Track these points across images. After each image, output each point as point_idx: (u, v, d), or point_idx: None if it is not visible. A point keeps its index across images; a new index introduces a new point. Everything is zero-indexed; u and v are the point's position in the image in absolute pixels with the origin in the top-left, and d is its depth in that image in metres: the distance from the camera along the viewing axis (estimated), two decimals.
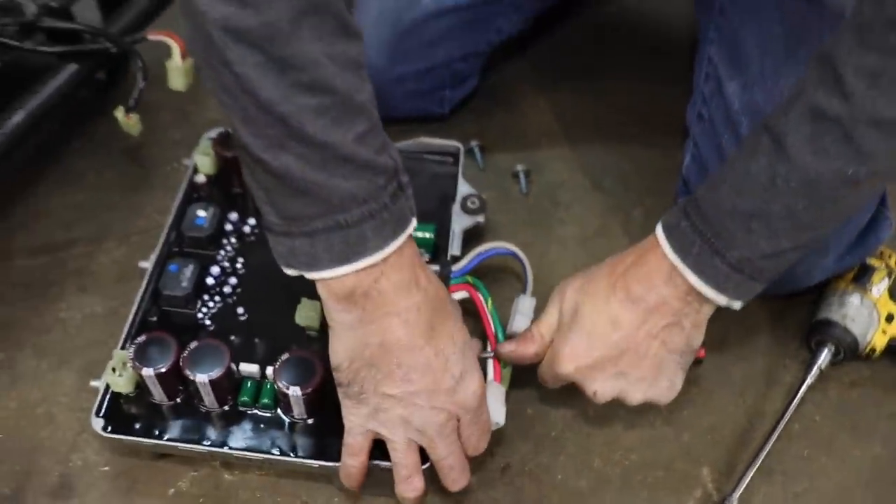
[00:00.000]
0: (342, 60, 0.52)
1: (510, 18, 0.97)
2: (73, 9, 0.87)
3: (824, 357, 0.80)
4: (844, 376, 0.82)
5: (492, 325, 0.73)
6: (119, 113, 0.81)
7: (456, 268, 0.78)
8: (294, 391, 0.67)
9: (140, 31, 0.87)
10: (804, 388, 0.77)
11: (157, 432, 0.70)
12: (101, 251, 0.90)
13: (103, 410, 0.71)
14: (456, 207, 0.84)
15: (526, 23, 1.02)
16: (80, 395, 0.77)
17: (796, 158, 0.56)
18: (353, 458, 0.64)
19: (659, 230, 0.64)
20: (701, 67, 0.85)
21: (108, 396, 0.71)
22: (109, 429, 0.70)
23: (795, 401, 0.76)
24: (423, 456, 0.66)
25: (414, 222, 0.60)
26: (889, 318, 0.82)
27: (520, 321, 0.75)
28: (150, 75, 0.84)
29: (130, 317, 0.76)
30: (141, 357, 0.69)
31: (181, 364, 0.69)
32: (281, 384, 0.68)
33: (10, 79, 0.83)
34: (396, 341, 0.60)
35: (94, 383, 0.72)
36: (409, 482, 0.64)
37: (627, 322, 0.64)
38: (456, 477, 0.65)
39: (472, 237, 0.85)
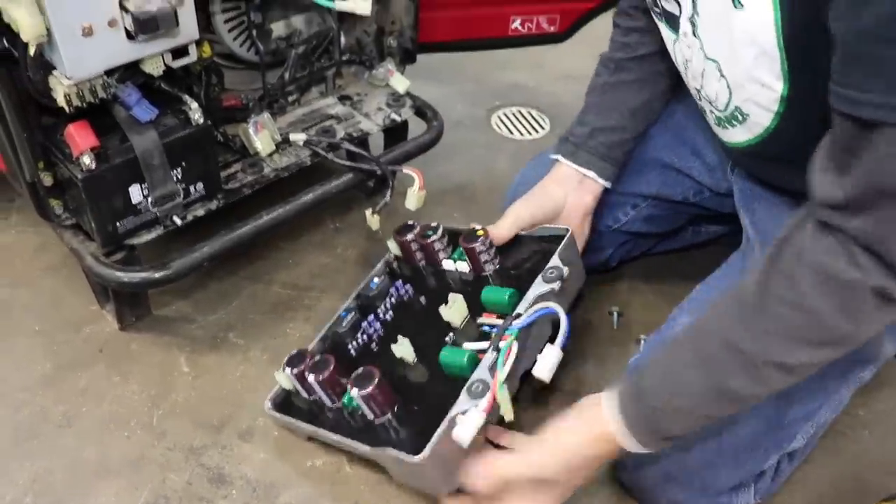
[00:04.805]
0: None
1: (627, 212, 1.21)
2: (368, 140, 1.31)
3: None
4: None
5: (503, 368, 0.88)
6: (368, 212, 1.20)
7: (516, 322, 0.93)
8: (355, 392, 0.92)
9: (400, 164, 1.27)
10: None
11: (293, 415, 1.02)
12: (325, 298, 1.29)
13: (273, 396, 1.06)
14: (539, 278, 0.99)
15: (645, 209, 1.22)
16: None
17: (716, 376, 0.78)
18: None
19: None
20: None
21: (279, 388, 1.05)
22: (272, 408, 1.04)
23: None
24: None
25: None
26: None
27: (540, 366, 0.89)
28: (395, 193, 1.23)
29: (313, 343, 1.09)
30: (288, 362, 1.02)
31: (304, 369, 0.99)
32: (350, 387, 0.93)
33: (309, 171, 1.26)
34: None
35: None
36: None
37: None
38: None
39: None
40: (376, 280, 1.13)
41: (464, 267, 1.09)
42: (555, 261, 1.00)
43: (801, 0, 0.73)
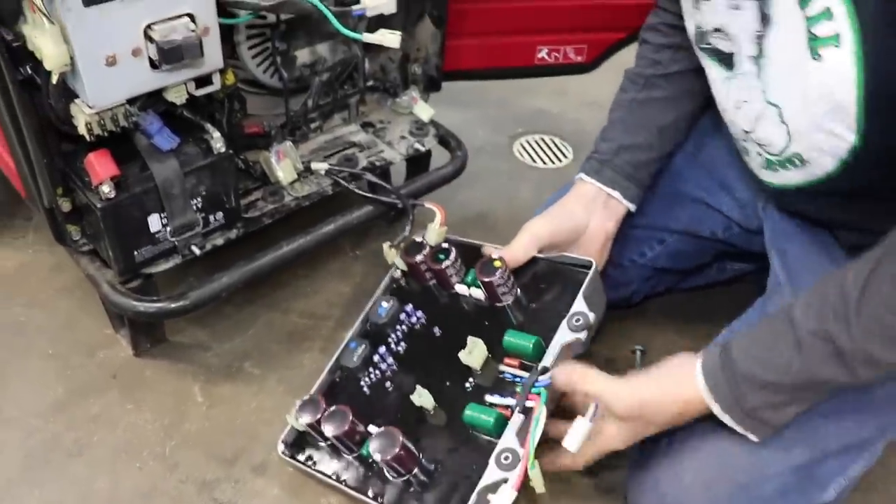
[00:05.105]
0: None
1: (653, 247, 1.18)
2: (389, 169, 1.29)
3: None
4: None
5: (534, 441, 0.84)
6: (385, 245, 1.18)
7: (542, 378, 0.88)
8: (378, 457, 0.89)
9: (422, 194, 1.26)
10: None
11: (308, 461, 0.98)
12: (343, 327, 1.26)
13: (286, 437, 1.01)
14: (564, 323, 0.93)
15: (672, 244, 1.18)
16: None
17: (808, 361, 0.77)
18: None
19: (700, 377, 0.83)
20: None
21: (291, 427, 1.00)
22: (285, 452, 1.00)
23: None
24: None
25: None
26: None
27: (570, 438, 0.85)
28: (415, 224, 1.21)
29: (322, 376, 1.05)
30: (301, 409, 0.98)
31: (319, 421, 0.95)
32: (372, 450, 0.90)
33: (330, 197, 1.24)
34: None
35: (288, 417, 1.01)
36: None
37: None
38: None
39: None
40: (385, 305, 1.08)
41: (478, 294, 1.03)
42: (580, 305, 0.95)
43: (888, 55, 0.72)
